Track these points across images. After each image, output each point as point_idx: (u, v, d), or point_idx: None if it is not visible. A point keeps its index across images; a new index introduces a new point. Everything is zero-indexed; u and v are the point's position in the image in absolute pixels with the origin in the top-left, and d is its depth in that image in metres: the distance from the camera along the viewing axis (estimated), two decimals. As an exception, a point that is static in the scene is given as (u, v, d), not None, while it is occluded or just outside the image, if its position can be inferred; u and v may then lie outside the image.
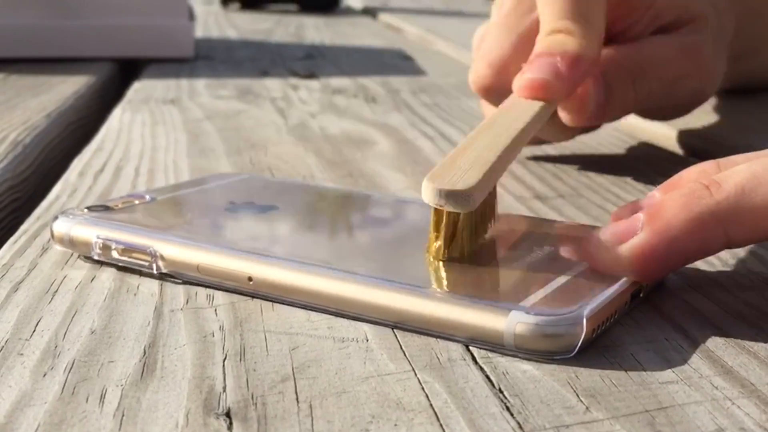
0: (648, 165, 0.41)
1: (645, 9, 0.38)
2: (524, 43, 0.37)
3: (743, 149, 0.26)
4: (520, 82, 0.32)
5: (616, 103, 0.36)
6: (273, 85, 0.67)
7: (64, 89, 0.61)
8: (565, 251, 0.25)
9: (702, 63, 0.39)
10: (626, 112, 0.38)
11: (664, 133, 0.47)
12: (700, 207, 0.23)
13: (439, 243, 0.24)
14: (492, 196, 0.26)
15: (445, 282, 0.23)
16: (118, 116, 0.54)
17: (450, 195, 0.23)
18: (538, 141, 0.43)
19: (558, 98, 0.33)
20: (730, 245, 0.23)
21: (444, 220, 0.24)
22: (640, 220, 0.23)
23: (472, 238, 0.25)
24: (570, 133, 0.41)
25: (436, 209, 0.24)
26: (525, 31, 0.38)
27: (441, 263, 0.24)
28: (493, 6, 0.41)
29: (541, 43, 0.34)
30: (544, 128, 0.37)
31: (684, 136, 0.46)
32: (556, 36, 0.34)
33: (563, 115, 0.36)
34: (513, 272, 0.24)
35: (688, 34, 0.39)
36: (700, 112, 0.51)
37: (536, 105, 0.31)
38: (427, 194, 0.23)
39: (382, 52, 0.90)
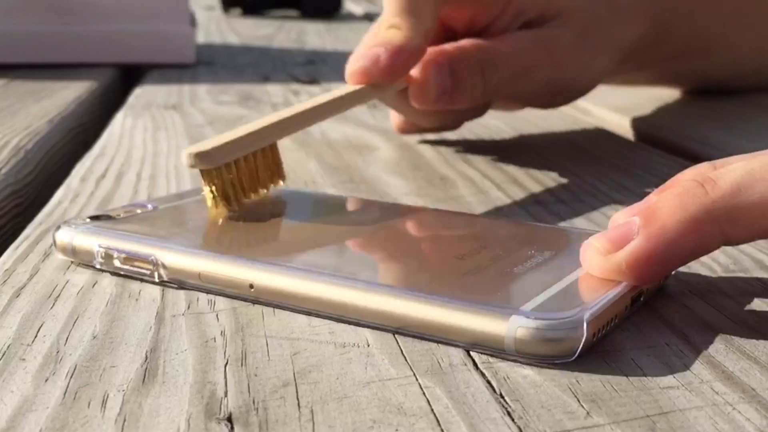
0: (649, 171, 0.41)
1: (503, 6, 0.41)
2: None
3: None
4: (347, 68, 0.38)
5: (464, 90, 0.40)
6: (274, 90, 0.67)
7: (65, 95, 0.61)
8: (565, 256, 0.25)
9: (556, 55, 0.41)
10: (476, 99, 0.41)
11: (665, 138, 0.47)
12: (695, 206, 0.22)
13: (210, 198, 0.30)
14: (269, 158, 0.32)
15: (445, 287, 0.23)
16: (119, 122, 0.54)
17: (195, 156, 0.29)
18: (422, 129, 0.46)
19: (380, 83, 0.37)
20: (727, 243, 0.23)
21: (205, 180, 0.30)
22: (635, 224, 0.23)
23: (238, 193, 0.30)
24: (439, 119, 0.43)
25: (201, 173, 0.30)
26: None
27: (441, 271, 0.24)
28: None
29: (376, 36, 0.39)
30: (421, 116, 0.43)
31: (688, 143, 0.46)
32: (388, 30, 0.38)
33: (412, 101, 0.40)
34: (514, 277, 0.24)
35: (548, 29, 0.42)
36: (703, 119, 0.51)
37: (352, 88, 0.37)
38: (184, 159, 0.29)
39: (384, 58, 0.90)
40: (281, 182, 0.33)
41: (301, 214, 0.31)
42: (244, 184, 0.31)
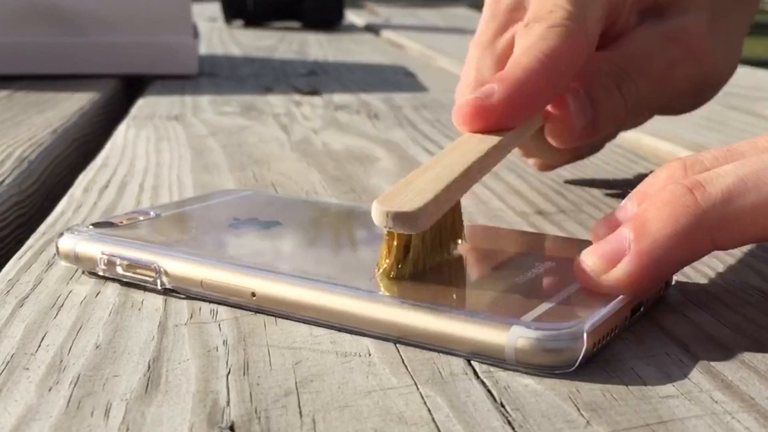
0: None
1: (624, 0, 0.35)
2: (502, 63, 0.33)
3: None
4: (459, 108, 0.30)
5: (606, 114, 0.33)
6: (276, 101, 0.67)
7: (69, 106, 0.62)
8: (566, 266, 0.25)
9: (692, 45, 0.35)
10: (621, 120, 0.35)
11: (667, 150, 0.47)
12: (686, 217, 0.22)
13: (388, 262, 0.24)
14: (454, 216, 0.26)
15: (447, 297, 0.23)
16: (122, 132, 0.54)
17: (397, 217, 0.23)
18: (548, 166, 0.41)
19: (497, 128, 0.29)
20: (716, 249, 0.23)
21: (395, 241, 0.24)
22: (626, 239, 0.22)
23: (425, 258, 0.25)
24: (568, 155, 0.39)
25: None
26: (501, 51, 0.36)
27: (442, 278, 0.24)
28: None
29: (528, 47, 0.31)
30: (546, 152, 0.36)
31: (688, 150, 0.46)
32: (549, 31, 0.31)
33: (551, 140, 0.34)
34: (514, 287, 0.24)
35: (671, 18, 0.36)
36: (702, 128, 0.51)
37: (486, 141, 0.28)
38: (376, 216, 0.23)
39: (385, 69, 0.90)
40: (459, 242, 0.27)
41: (302, 223, 0.31)
42: (427, 246, 0.25)
